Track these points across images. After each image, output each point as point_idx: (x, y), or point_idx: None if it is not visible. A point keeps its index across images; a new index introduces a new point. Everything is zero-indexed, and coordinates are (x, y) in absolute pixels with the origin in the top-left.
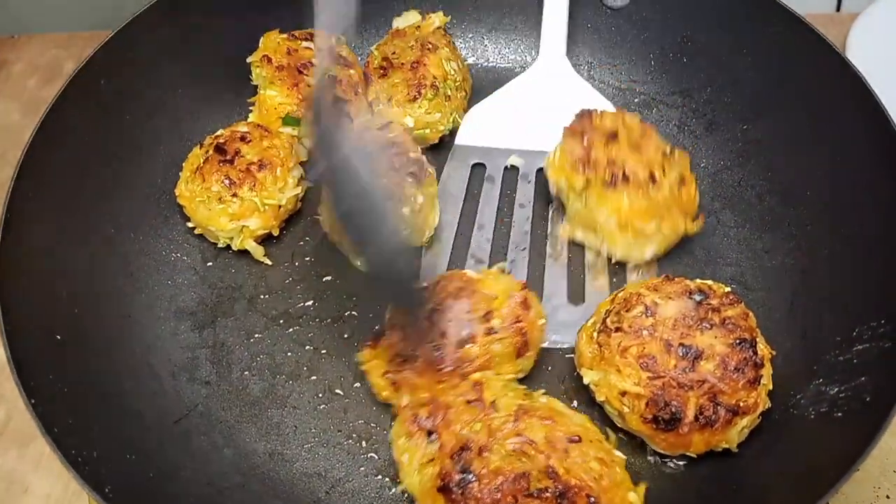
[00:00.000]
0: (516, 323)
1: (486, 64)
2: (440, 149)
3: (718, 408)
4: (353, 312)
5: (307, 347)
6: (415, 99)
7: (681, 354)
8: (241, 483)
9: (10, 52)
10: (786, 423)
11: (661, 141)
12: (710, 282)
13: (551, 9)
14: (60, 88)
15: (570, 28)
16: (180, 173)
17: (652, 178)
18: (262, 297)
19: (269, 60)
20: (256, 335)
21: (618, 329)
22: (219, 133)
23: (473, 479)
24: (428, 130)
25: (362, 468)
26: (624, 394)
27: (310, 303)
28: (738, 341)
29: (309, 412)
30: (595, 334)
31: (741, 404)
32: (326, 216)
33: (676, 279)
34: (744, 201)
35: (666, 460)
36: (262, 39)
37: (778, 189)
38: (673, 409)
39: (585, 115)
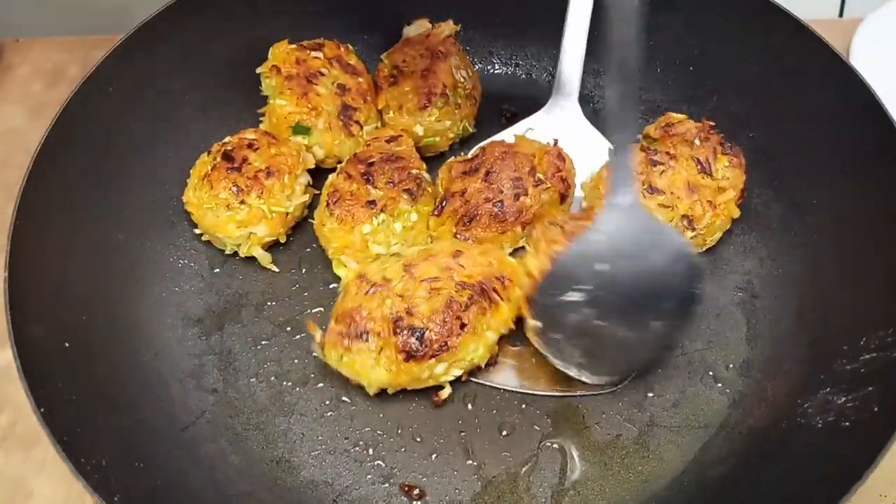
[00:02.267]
0: (557, 173)
1: (492, 70)
2: (449, 156)
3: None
4: None
5: (314, 354)
6: (425, 107)
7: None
8: (249, 491)
9: (15, 55)
10: (792, 431)
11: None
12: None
13: (569, 49)
14: (69, 96)
15: None
16: (188, 180)
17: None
18: (269, 303)
19: (279, 70)
20: (263, 342)
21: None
22: (226, 140)
23: (424, 330)
24: (438, 138)
25: (369, 476)
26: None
27: (317, 310)
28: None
29: (316, 419)
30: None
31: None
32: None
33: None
34: (750, 209)
35: None
36: (271, 50)
37: (784, 197)
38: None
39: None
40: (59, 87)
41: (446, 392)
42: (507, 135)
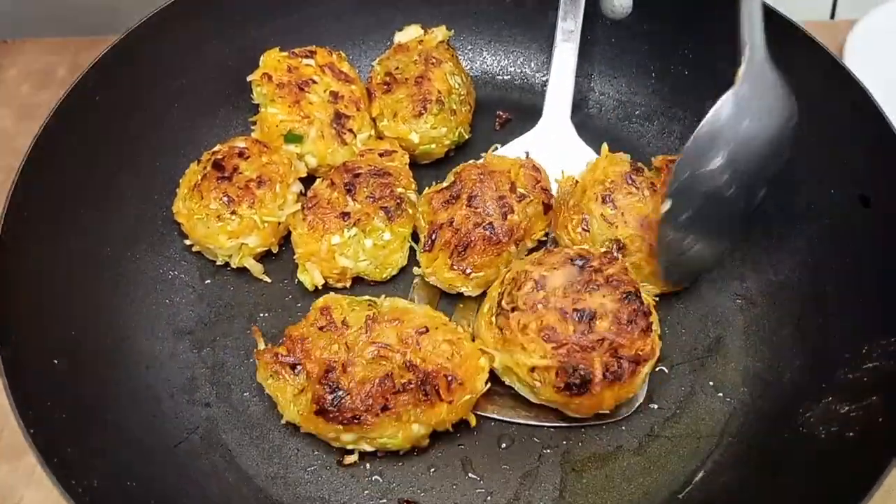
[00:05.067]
0: (537, 185)
1: (485, 76)
2: (444, 163)
3: (622, 361)
4: None
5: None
6: (420, 114)
7: (577, 319)
8: None
9: (4, 57)
10: (795, 441)
11: None
12: (586, 246)
13: (559, 68)
14: (55, 105)
15: None
16: (177, 190)
17: None
18: (261, 315)
19: (270, 78)
20: None
21: (514, 308)
22: (216, 149)
23: (344, 394)
24: (433, 145)
25: (367, 491)
26: (534, 369)
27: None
28: (624, 295)
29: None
30: (493, 319)
31: (640, 353)
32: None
33: (556, 249)
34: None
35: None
36: (262, 58)
37: (782, 204)
38: (582, 373)
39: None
40: (48, 89)
41: (351, 458)
42: (507, 152)
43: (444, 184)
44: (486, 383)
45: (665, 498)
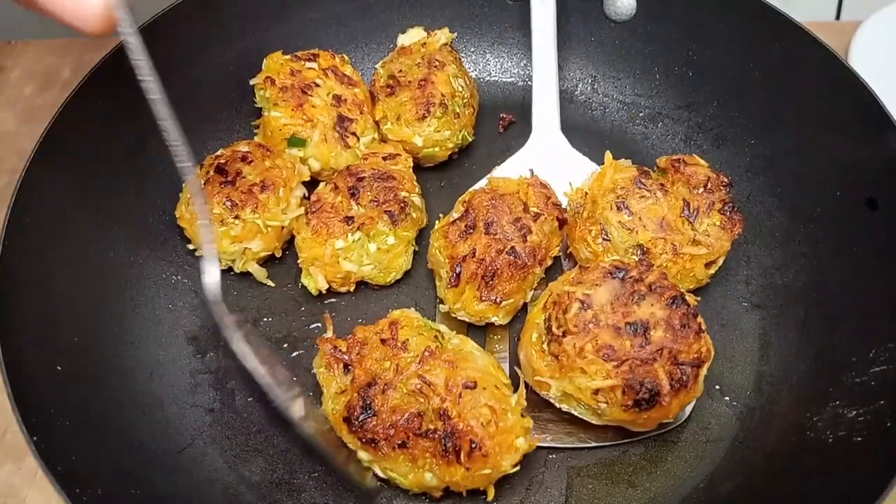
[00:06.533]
0: (549, 201)
1: (488, 78)
2: (448, 166)
3: (684, 367)
4: None
5: (312, 371)
6: (424, 117)
7: (632, 333)
8: None
9: (7, 58)
10: (803, 446)
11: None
12: (617, 256)
13: (541, 82)
14: (57, 110)
15: (574, 41)
16: (180, 194)
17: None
18: (265, 319)
19: (273, 82)
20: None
21: (565, 333)
22: (219, 153)
23: (373, 414)
24: (437, 149)
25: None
26: (597, 391)
27: (314, 325)
28: (671, 300)
29: (315, 440)
30: (545, 346)
31: (698, 355)
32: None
33: (589, 266)
34: (753, 217)
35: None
36: (265, 61)
37: (787, 205)
38: (649, 387)
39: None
40: (51, 90)
41: (367, 477)
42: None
43: (455, 214)
44: (516, 466)
45: (672, 503)
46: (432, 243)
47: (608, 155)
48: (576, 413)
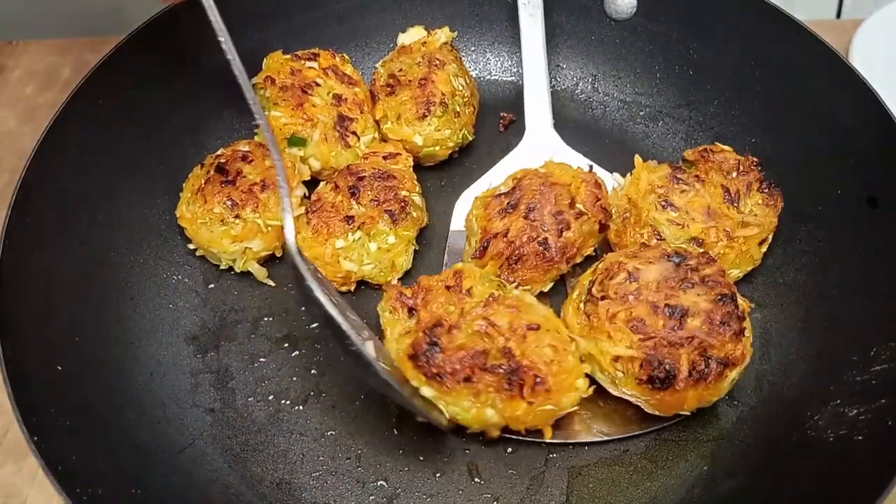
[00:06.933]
0: (597, 202)
1: (488, 77)
2: (448, 165)
3: (710, 361)
4: None
5: (313, 371)
6: (424, 117)
7: (668, 314)
8: None
9: (8, 58)
10: (804, 444)
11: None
12: (683, 244)
13: (531, 81)
14: (58, 109)
15: (574, 39)
16: (181, 194)
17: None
18: (265, 319)
19: (273, 81)
20: (261, 359)
21: (604, 297)
22: (220, 152)
23: (439, 351)
24: (437, 148)
25: (372, 497)
26: (617, 359)
27: (315, 325)
28: (719, 297)
29: (316, 439)
30: (581, 305)
31: (730, 356)
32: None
33: (653, 244)
34: None
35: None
36: (265, 61)
37: (788, 204)
38: (667, 367)
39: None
40: (52, 90)
41: (443, 419)
42: (488, 177)
43: (503, 188)
44: (575, 406)
45: (672, 502)
46: (471, 209)
47: (638, 158)
48: (595, 378)
